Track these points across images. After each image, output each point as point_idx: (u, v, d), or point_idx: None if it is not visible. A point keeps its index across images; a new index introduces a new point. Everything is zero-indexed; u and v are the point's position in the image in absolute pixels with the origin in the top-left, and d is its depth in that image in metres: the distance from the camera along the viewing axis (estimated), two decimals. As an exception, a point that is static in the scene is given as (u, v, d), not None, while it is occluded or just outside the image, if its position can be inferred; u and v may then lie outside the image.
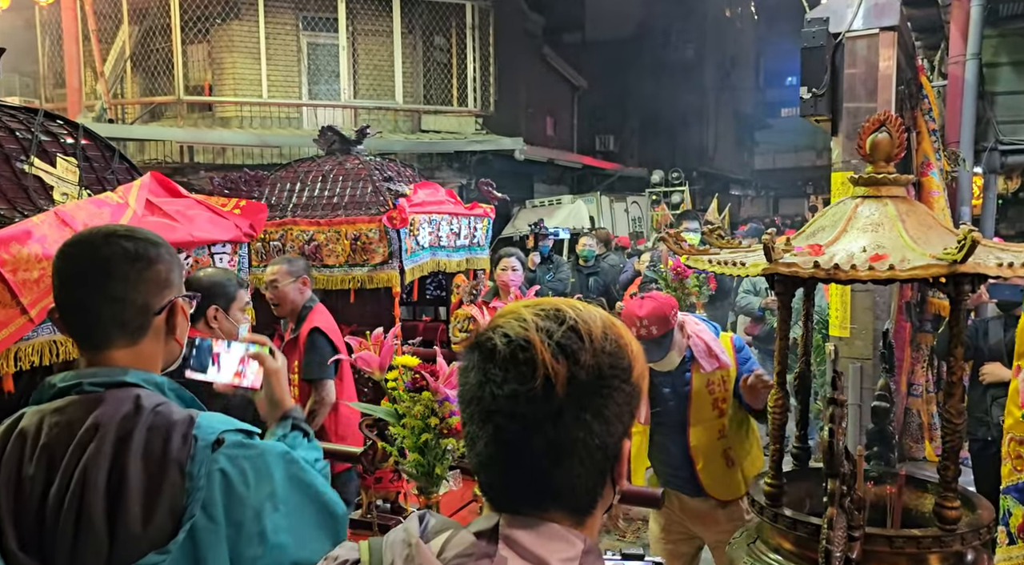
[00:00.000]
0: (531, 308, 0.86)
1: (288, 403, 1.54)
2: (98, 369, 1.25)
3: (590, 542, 0.85)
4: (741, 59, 24.81)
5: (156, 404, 1.23)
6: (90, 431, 1.17)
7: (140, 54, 10.61)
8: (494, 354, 0.83)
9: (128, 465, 1.14)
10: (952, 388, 1.90)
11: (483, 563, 0.81)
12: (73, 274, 1.26)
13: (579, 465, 0.83)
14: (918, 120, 4.21)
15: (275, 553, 1.22)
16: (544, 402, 0.80)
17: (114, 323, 1.26)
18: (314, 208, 4.34)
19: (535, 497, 0.84)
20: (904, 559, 1.94)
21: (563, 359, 0.81)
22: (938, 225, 2.04)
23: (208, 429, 1.21)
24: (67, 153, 2.29)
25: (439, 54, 11.88)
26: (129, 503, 1.13)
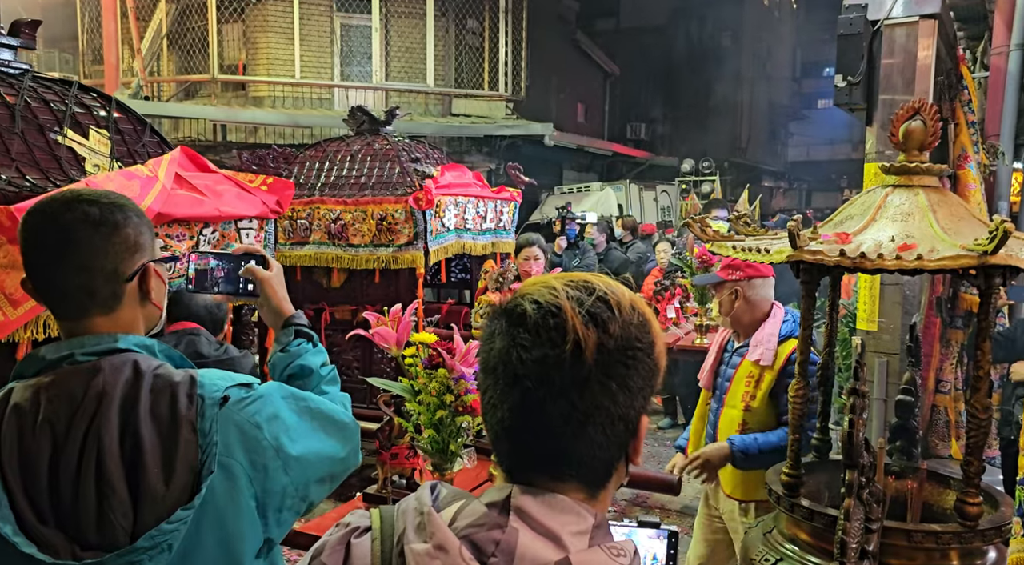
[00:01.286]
0: (560, 279, 0.87)
1: (288, 309, 1.55)
2: (86, 338, 1.23)
3: (600, 517, 0.86)
4: (778, 49, 24.42)
5: (154, 367, 1.23)
6: (94, 400, 1.16)
7: (176, 32, 10.73)
8: (524, 319, 0.83)
9: (140, 428, 1.15)
10: (978, 382, 1.86)
11: (494, 533, 0.81)
12: (36, 244, 1.23)
13: (600, 434, 0.84)
14: (957, 111, 4.10)
15: (300, 476, 1.26)
16: (573, 368, 0.81)
17: (85, 293, 1.23)
18: (341, 188, 4.37)
19: (554, 466, 0.85)
20: (923, 554, 1.91)
21: (593, 326, 0.82)
22: (971, 216, 2.00)
23: (212, 387, 1.23)
24: (100, 125, 2.32)
25: (471, 38, 11.85)
26: (147, 465, 1.14)
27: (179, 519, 1.13)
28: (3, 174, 1.95)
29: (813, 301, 2.16)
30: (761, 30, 22.46)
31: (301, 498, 1.28)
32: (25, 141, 2.07)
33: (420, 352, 1.77)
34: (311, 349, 1.52)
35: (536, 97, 12.83)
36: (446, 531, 0.82)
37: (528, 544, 0.81)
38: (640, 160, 16.60)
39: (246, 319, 2.64)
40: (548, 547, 0.81)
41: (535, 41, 12.53)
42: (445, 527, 0.83)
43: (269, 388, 1.31)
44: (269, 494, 1.23)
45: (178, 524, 1.12)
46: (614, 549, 0.83)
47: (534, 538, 0.81)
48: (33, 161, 2.05)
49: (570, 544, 0.81)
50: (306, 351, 1.50)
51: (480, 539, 0.82)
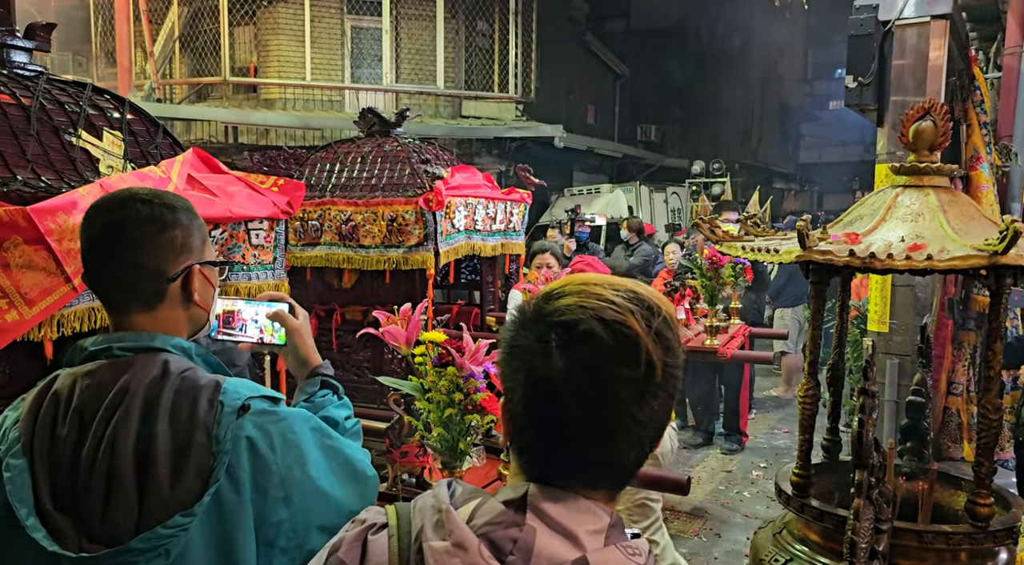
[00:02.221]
0: (611, 289, 0.86)
1: (315, 359, 1.52)
2: (126, 334, 1.25)
3: (616, 516, 0.87)
4: (789, 50, 24.31)
5: (183, 369, 1.23)
6: (119, 395, 1.18)
7: (188, 35, 10.80)
8: (592, 338, 0.82)
9: (156, 428, 1.16)
10: (989, 383, 1.85)
11: (512, 532, 0.82)
12: (91, 237, 1.26)
13: (648, 441, 0.87)
14: (969, 112, 4.08)
15: (301, 517, 1.22)
16: (644, 386, 0.84)
17: (130, 288, 1.26)
18: (352, 189, 4.38)
19: (593, 473, 0.87)
20: (933, 555, 1.91)
21: (660, 347, 0.84)
22: (981, 216, 1.99)
23: (234, 395, 1.21)
24: (113, 127, 2.34)
25: (481, 39, 11.88)
26: (157, 465, 1.14)
27: (177, 525, 1.12)
28: (19, 175, 1.98)
29: (823, 301, 2.16)
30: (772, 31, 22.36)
31: (298, 544, 1.22)
32: (40, 142, 2.09)
33: (430, 351, 1.78)
34: (336, 401, 1.48)
35: (546, 99, 12.84)
36: (465, 529, 0.83)
37: (545, 542, 0.81)
38: (650, 161, 16.57)
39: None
40: (565, 545, 0.81)
41: (545, 43, 12.54)
42: (464, 525, 0.84)
43: (298, 413, 1.28)
44: (264, 524, 1.19)
45: (176, 530, 1.12)
46: (630, 548, 0.84)
47: (551, 536, 0.82)
48: (48, 162, 2.07)
49: (587, 543, 0.82)
50: (331, 403, 1.46)
51: (498, 537, 0.82)
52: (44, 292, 1.84)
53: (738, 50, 20.89)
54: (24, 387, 1.30)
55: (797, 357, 7.68)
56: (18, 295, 1.81)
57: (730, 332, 5.19)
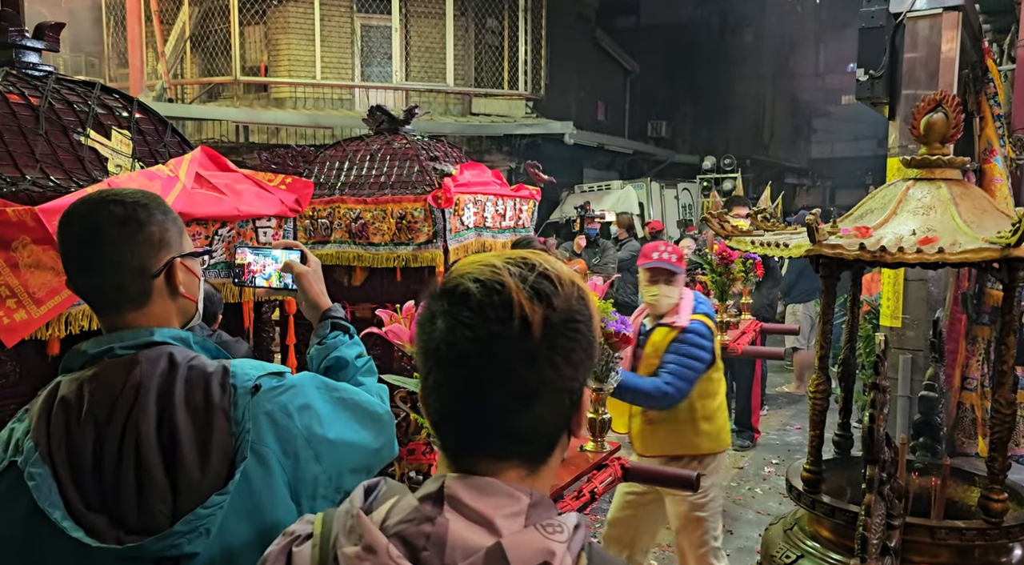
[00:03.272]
0: (499, 257, 0.87)
1: (325, 303, 1.58)
2: (125, 332, 1.28)
3: (537, 494, 0.85)
4: (801, 44, 24.12)
5: (189, 358, 1.26)
6: (131, 391, 1.21)
7: (199, 35, 10.85)
8: (467, 298, 0.82)
9: (176, 417, 1.19)
10: (1003, 377, 1.83)
11: (424, 527, 0.81)
12: (70, 244, 1.28)
13: (546, 408, 0.85)
14: (982, 105, 4.04)
15: (333, 467, 1.28)
16: (520, 343, 0.82)
17: (116, 289, 1.28)
18: (361, 187, 4.38)
19: (499, 445, 0.85)
20: (946, 551, 1.89)
21: (538, 302, 0.83)
22: (994, 209, 1.97)
23: (244, 376, 1.25)
24: (122, 126, 2.35)
25: (491, 37, 11.87)
26: (184, 452, 1.18)
27: (214, 504, 1.16)
28: (28, 175, 1.99)
29: (833, 296, 2.15)
30: (783, 25, 22.21)
31: (335, 488, 1.29)
32: (49, 142, 2.10)
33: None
34: (347, 341, 1.54)
35: (556, 95, 12.81)
36: (374, 531, 0.82)
37: (459, 533, 0.80)
38: (661, 158, 16.51)
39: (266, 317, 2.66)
40: (480, 533, 0.80)
41: (555, 39, 12.52)
42: (373, 527, 0.83)
43: (302, 378, 1.33)
44: (302, 482, 1.25)
45: (214, 509, 1.16)
46: (550, 526, 0.81)
47: (466, 526, 0.81)
48: (57, 162, 2.08)
49: (503, 527, 0.81)
50: (342, 343, 1.52)
51: (410, 534, 0.81)
52: (52, 291, 1.85)
53: (749, 45, 20.76)
54: (34, 385, 1.32)
55: (809, 353, 7.64)
56: (26, 294, 1.82)
57: (741, 328, 5.16)
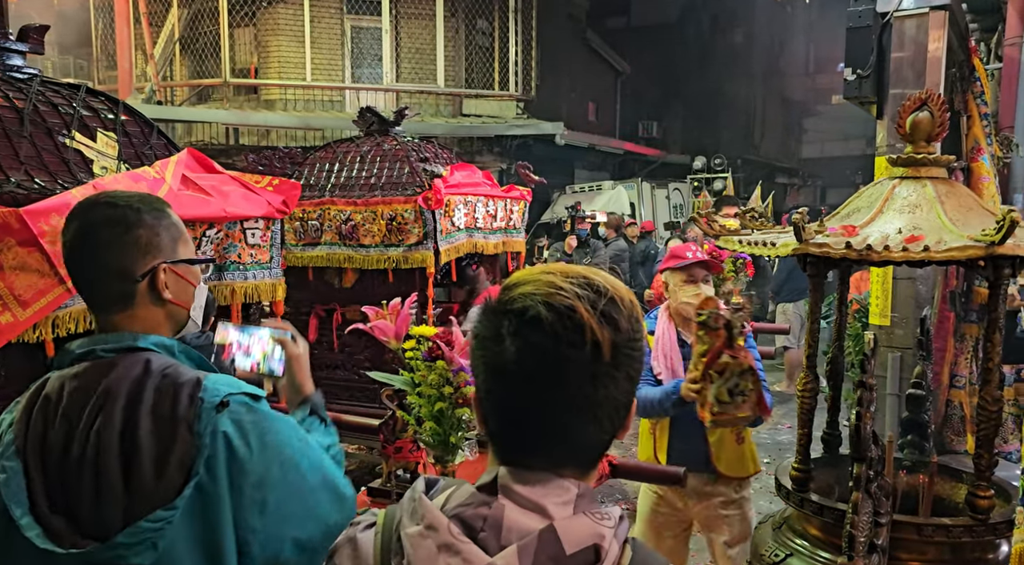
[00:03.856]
0: (560, 276, 0.89)
1: (308, 388, 1.54)
2: (109, 335, 1.28)
3: (584, 486, 0.90)
4: (790, 44, 24.20)
5: (164, 367, 1.25)
6: (103, 396, 1.21)
7: (188, 37, 10.81)
8: (539, 322, 0.85)
9: (139, 426, 1.18)
10: (989, 375, 1.84)
11: (482, 510, 0.86)
12: (67, 242, 1.30)
13: (607, 421, 0.89)
14: (969, 104, 4.06)
15: (275, 527, 1.23)
16: (590, 365, 0.86)
17: (103, 289, 1.29)
18: (351, 188, 4.38)
19: (557, 453, 0.89)
20: (933, 548, 1.89)
21: (607, 326, 0.86)
22: (979, 207, 1.98)
23: (213, 391, 1.23)
24: (107, 128, 2.34)
25: (481, 38, 11.87)
26: (142, 461, 1.17)
27: (160, 518, 1.15)
28: (12, 177, 1.97)
29: (821, 295, 2.15)
30: (773, 25, 22.29)
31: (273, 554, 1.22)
32: (34, 144, 2.09)
33: (421, 345, 1.78)
34: (323, 429, 1.49)
35: (547, 96, 12.82)
36: (435, 511, 0.87)
37: (515, 517, 0.85)
38: (652, 158, 16.53)
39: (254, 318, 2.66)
40: (533, 518, 0.85)
41: (545, 40, 12.52)
42: (434, 508, 0.88)
43: (285, 418, 1.30)
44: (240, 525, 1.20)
45: (159, 523, 1.15)
46: (598, 514, 0.87)
47: (520, 511, 0.86)
48: (42, 164, 2.07)
49: (554, 512, 0.86)
50: (317, 430, 1.47)
51: (469, 516, 0.86)
52: (38, 293, 1.84)
53: (739, 45, 20.82)
54: (21, 387, 1.33)
55: (799, 352, 7.65)
56: (12, 297, 1.81)
57: (732, 327, 5.16)
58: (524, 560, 0.81)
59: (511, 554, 0.82)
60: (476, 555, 0.83)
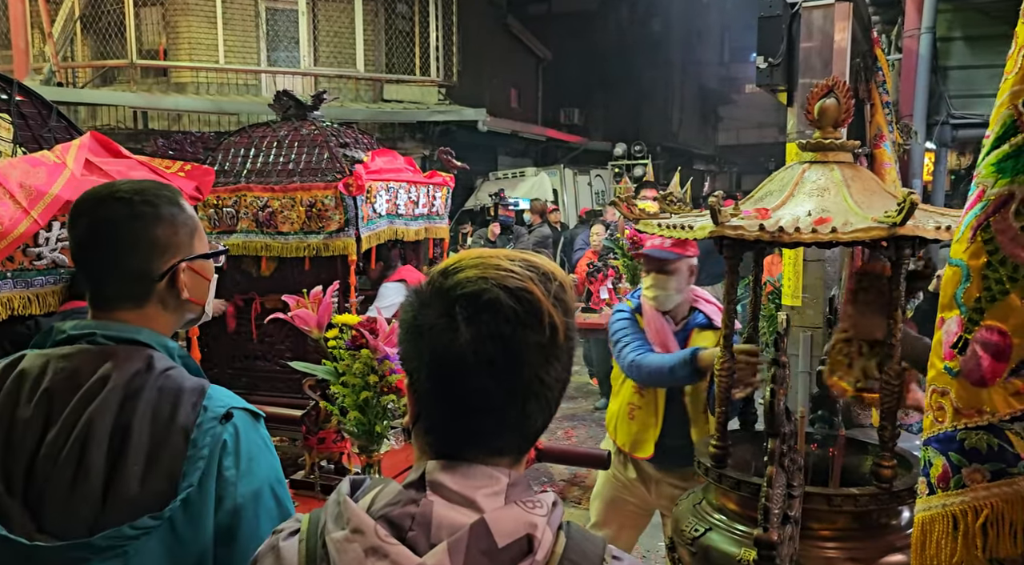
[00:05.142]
0: (504, 259, 0.89)
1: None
2: (111, 323, 1.22)
3: (515, 474, 0.89)
4: (707, 34, 24.80)
5: (167, 367, 1.19)
6: (98, 383, 1.13)
7: (90, 15, 10.26)
8: (497, 305, 0.84)
9: (133, 423, 1.11)
10: (890, 349, 1.94)
11: (409, 508, 0.84)
12: (76, 239, 1.24)
13: (554, 403, 0.90)
14: (872, 92, 4.24)
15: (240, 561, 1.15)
16: (548, 349, 0.86)
17: (114, 288, 1.23)
18: (268, 174, 4.25)
19: (503, 441, 0.88)
20: (843, 517, 1.99)
21: (560, 309, 0.87)
22: (882, 191, 2.07)
23: (219, 401, 1.18)
24: (0, 110, 2.20)
25: (401, 22, 11.69)
26: (129, 461, 1.10)
27: (144, 526, 1.08)
28: None
29: (736, 276, 2.22)
30: (689, 15, 22.78)
31: None
32: (-83, 126, 1.95)
33: (344, 334, 1.75)
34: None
35: (469, 83, 12.75)
36: (361, 514, 0.85)
37: (443, 513, 0.83)
38: (574, 145, 16.69)
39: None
40: (463, 512, 0.84)
41: (466, 26, 12.44)
42: (360, 510, 0.85)
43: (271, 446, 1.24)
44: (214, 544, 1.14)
45: (141, 531, 1.07)
46: (530, 503, 0.86)
47: (449, 507, 0.84)
48: (-74, 147, 1.94)
49: (484, 505, 0.84)
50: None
51: (396, 515, 0.84)
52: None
53: (658, 34, 21.19)
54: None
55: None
56: None
57: (653, 311, 5.28)
58: (455, 557, 0.80)
59: (441, 552, 0.80)
60: (405, 556, 0.81)
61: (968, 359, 1.24)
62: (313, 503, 2.01)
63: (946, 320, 1.28)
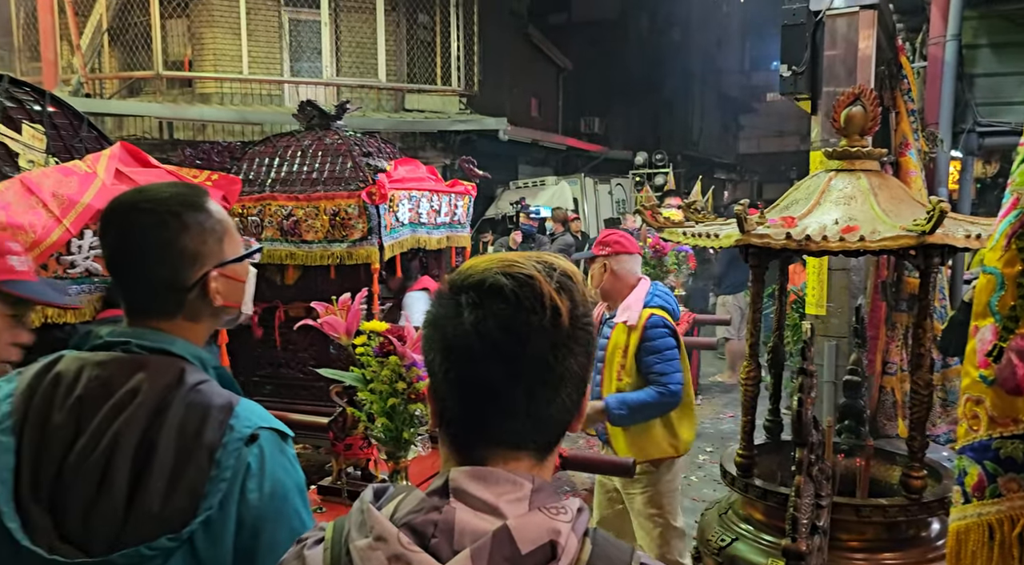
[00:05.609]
0: (520, 256, 0.91)
1: None
2: (147, 331, 1.21)
3: (540, 481, 0.88)
4: (727, 42, 24.75)
5: (198, 381, 1.18)
6: (129, 394, 1.13)
7: (118, 28, 10.43)
8: (500, 290, 0.85)
9: (160, 438, 1.10)
10: (920, 359, 1.91)
11: (432, 516, 0.84)
12: (107, 248, 1.23)
13: (567, 397, 0.89)
14: (897, 100, 4.21)
15: None
16: (551, 333, 0.86)
17: (146, 298, 1.22)
18: (293, 183, 4.29)
19: (519, 433, 0.88)
20: (871, 528, 1.96)
21: (564, 295, 0.88)
22: (910, 199, 2.05)
23: (246, 420, 1.16)
24: (33, 120, 2.25)
25: (423, 32, 11.77)
26: (153, 477, 1.08)
27: (161, 547, 1.06)
28: (-69, 171, 1.88)
29: (762, 285, 2.20)
30: (709, 24, 22.74)
31: None
32: (-46, 136, 1.99)
33: (371, 341, 1.76)
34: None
35: (489, 92, 12.80)
36: (384, 522, 0.84)
37: (467, 519, 0.83)
38: (594, 154, 16.69)
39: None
40: (486, 518, 0.83)
41: (487, 36, 12.49)
42: (383, 518, 0.85)
43: (298, 467, 1.21)
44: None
45: (158, 552, 1.06)
46: (554, 509, 0.85)
47: (472, 513, 0.83)
48: (-37, 157, 1.98)
49: (507, 511, 0.83)
50: None
51: (419, 523, 0.84)
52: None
53: (678, 43, 21.17)
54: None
55: (741, 343, 7.85)
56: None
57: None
58: (478, 564, 0.79)
59: (464, 559, 0.79)
60: (428, 563, 0.80)
61: (1003, 367, 1.23)
62: (340, 509, 2.02)
63: (980, 328, 1.26)
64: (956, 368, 4.05)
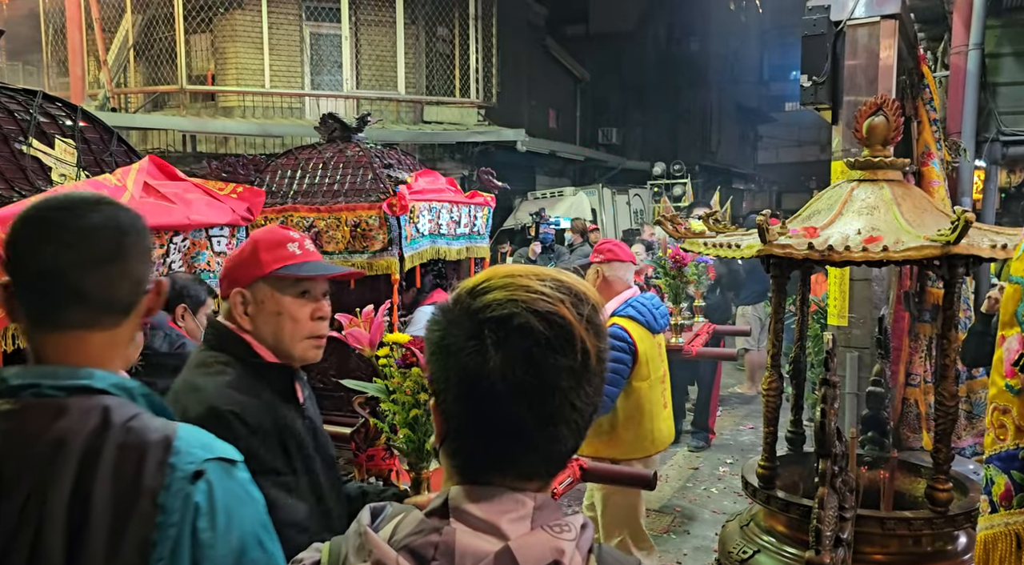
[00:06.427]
0: (533, 278, 0.86)
1: None
2: (58, 368, 1.06)
3: (541, 498, 0.86)
4: (745, 53, 24.70)
5: (127, 418, 1.06)
6: (50, 448, 1.00)
7: (143, 43, 10.61)
8: (529, 331, 0.81)
9: (94, 492, 0.99)
10: (945, 371, 1.90)
11: (432, 537, 0.82)
12: (51, 239, 1.07)
13: (584, 427, 0.87)
14: (919, 110, 4.18)
15: None
16: (580, 374, 0.84)
17: (100, 303, 1.09)
18: (314, 195, 4.34)
19: (534, 466, 0.86)
20: (896, 541, 1.95)
21: (594, 335, 0.85)
22: (933, 208, 2.04)
23: (187, 456, 1.05)
24: (65, 135, 2.29)
25: (442, 45, 11.86)
26: (92, 538, 0.97)
27: None
28: (-33, 184, 1.92)
29: (784, 295, 2.20)
30: (727, 34, 22.71)
31: None
32: (-11, 151, 2.04)
33: (394, 352, 1.78)
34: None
35: (507, 103, 12.86)
36: (383, 546, 0.83)
37: (467, 541, 0.81)
38: (612, 164, 16.69)
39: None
40: (487, 539, 0.81)
41: (505, 48, 12.57)
42: (381, 542, 0.83)
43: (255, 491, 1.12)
44: None
45: None
46: (557, 526, 0.83)
47: (474, 534, 0.81)
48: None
49: (509, 531, 0.82)
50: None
51: (419, 545, 0.82)
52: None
53: (695, 53, 21.17)
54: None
55: (760, 354, 7.79)
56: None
57: (695, 330, 5.25)
58: None
59: None
60: None
61: (1030, 378, 1.22)
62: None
63: (1007, 338, 1.26)
64: (981, 379, 4.00)
